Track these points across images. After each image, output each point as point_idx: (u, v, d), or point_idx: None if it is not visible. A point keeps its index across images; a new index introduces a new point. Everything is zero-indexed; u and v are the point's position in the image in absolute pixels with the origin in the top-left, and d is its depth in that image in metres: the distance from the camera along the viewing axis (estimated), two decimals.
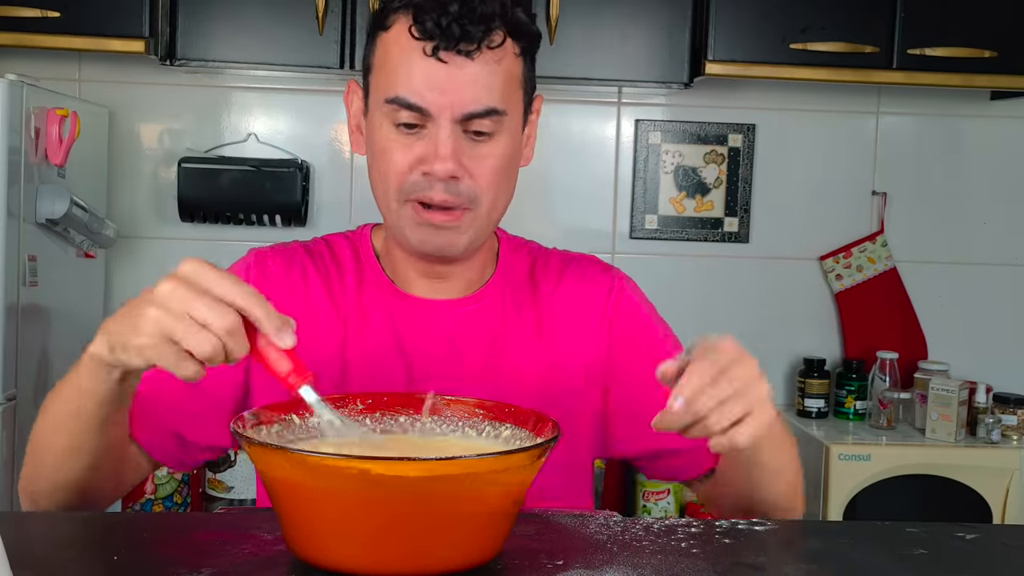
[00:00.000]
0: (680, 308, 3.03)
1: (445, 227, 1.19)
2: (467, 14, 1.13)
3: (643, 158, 2.95)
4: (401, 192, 1.18)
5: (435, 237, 1.19)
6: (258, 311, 0.91)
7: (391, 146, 1.18)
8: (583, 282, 1.32)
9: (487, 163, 1.18)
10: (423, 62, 1.15)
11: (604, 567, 0.90)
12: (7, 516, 1.38)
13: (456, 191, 1.17)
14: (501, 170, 1.20)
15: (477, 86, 1.15)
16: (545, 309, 1.29)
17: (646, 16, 2.60)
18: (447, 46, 1.14)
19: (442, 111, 1.15)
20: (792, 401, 2.98)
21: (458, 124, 1.16)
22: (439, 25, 1.13)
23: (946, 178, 3.02)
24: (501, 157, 1.19)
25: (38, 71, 2.52)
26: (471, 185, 1.18)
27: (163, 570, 0.87)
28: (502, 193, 1.23)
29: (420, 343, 1.25)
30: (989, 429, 2.69)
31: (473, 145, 1.17)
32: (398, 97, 1.16)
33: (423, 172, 1.17)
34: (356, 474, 0.81)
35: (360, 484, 0.81)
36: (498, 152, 1.19)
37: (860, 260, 2.97)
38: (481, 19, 1.14)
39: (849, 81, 2.63)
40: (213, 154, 2.81)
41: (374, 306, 1.26)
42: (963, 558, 0.98)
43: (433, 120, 1.16)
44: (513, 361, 1.26)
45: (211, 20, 2.53)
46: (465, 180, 1.17)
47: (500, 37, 1.16)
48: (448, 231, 1.19)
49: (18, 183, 2.17)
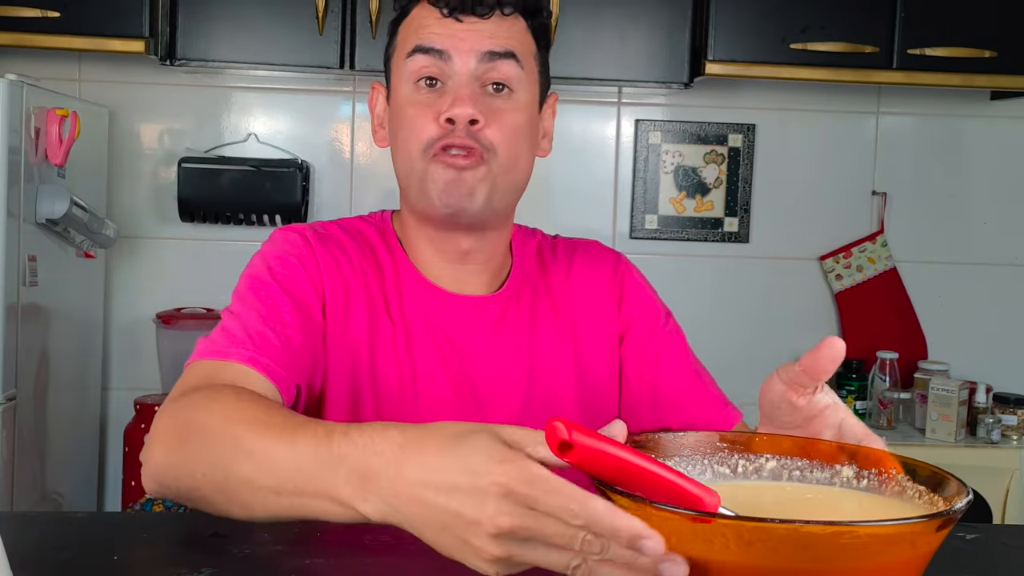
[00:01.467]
0: (680, 308, 3.02)
1: (465, 173, 1.18)
2: None
3: (643, 158, 2.95)
4: (426, 148, 1.19)
5: (455, 186, 1.18)
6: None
7: (414, 109, 1.20)
8: (592, 267, 1.34)
9: (505, 116, 1.20)
10: (441, 21, 1.20)
11: None
12: (7, 516, 1.38)
13: (476, 137, 1.18)
14: (519, 129, 1.22)
15: (496, 34, 1.20)
16: (560, 297, 1.31)
17: (646, 16, 2.60)
18: (463, 9, 1.19)
19: (461, 51, 1.19)
20: None
21: (476, 75, 1.19)
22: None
23: (946, 178, 3.02)
24: (518, 114, 1.22)
25: (38, 71, 2.52)
26: (489, 135, 1.19)
27: (163, 570, 0.87)
28: (520, 155, 1.23)
29: (467, 343, 1.24)
30: (989, 429, 2.70)
31: (491, 98, 1.20)
32: (419, 45, 1.20)
33: (445, 119, 1.17)
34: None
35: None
36: (515, 107, 1.21)
37: (860, 260, 2.97)
38: None
39: (849, 81, 2.63)
40: (213, 154, 2.81)
41: (415, 302, 1.24)
42: (963, 558, 0.98)
43: (452, 66, 1.19)
44: (547, 353, 1.26)
45: (211, 20, 2.53)
46: (485, 129, 1.18)
47: (510, 9, 1.21)
48: (467, 178, 1.18)
49: (18, 183, 2.17)
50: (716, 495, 0.69)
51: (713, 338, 2.99)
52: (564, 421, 0.67)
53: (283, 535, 0.95)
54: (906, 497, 0.79)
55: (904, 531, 0.67)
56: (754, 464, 0.86)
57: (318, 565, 0.89)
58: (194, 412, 0.96)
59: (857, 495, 0.82)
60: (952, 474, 0.76)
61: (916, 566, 0.69)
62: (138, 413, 2.65)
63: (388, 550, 0.94)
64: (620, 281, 1.34)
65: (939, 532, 0.68)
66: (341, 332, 1.20)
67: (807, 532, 0.64)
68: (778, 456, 0.86)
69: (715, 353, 2.97)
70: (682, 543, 0.67)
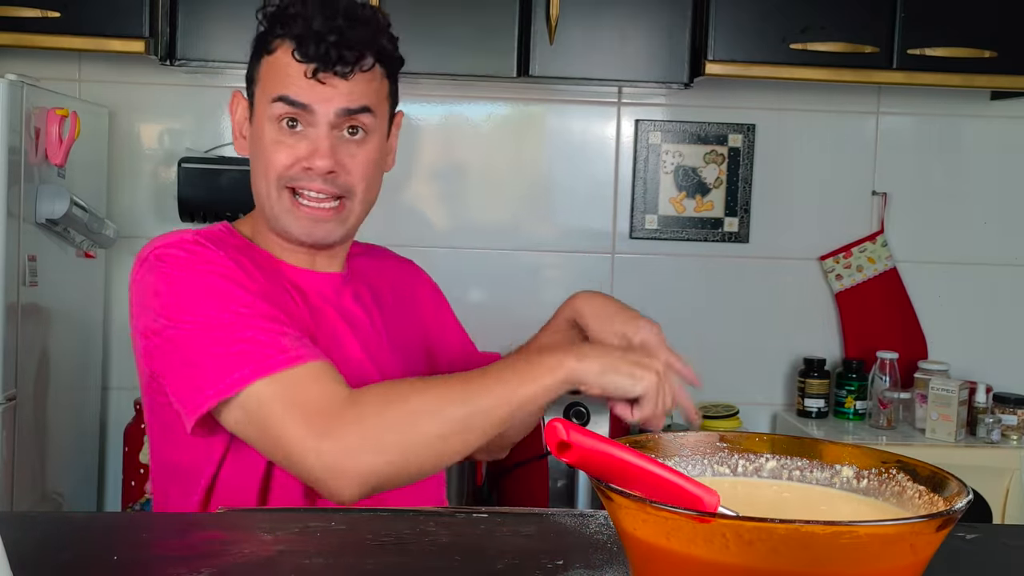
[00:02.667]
0: (680, 308, 3.04)
1: (325, 221, 1.36)
2: (343, 43, 1.32)
3: (643, 158, 2.95)
4: (280, 181, 1.35)
5: (316, 228, 1.36)
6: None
7: (274, 146, 1.35)
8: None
9: (360, 159, 1.36)
10: (305, 78, 1.33)
11: (604, 567, 0.90)
12: (7, 516, 1.38)
13: (333, 184, 1.35)
14: (372, 166, 1.38)
15: (353, 93, 1.34)
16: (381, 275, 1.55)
17: (646, 16, 2.60)
18: (325, 68, 1.32)
19: (322, 107, 1.33)
20: (792, 401, 2.98)
21: (335, 125, 1.34)
22: (319, 51, 1.31)
23: (946, 178, 3.02)
24: (372, 154, 1.38)
25: (38, 71, 2.52)
26: (346, 179, 1.36)
27: (163, 570, 0.87)
28: (372, 188, 1.40)
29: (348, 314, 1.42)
30: (989, 429, 2.70)
31: (348, 145, 1.36)
32: (284, 96, 1.33)
33: (304, 167, 1.34)
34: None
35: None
36: (370, 149, 1.37)
37: (860, 260, 2.97)
38: (354, 46, 1.33)
39: (849, 81, 2.63)
40: (213, 154, 2.81)
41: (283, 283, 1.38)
42: (963, 558, 0.98)
43: (314, 118, 1.33)
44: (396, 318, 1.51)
45: (211, 20, 2.52)
46: (341, 175, 1.35)
47: (370, 62, 1.35)
48: (328, 223, 1.37)
49: (18, 183, 2.17)
50: (716, 495, 0.70)
51: (713, 338, 2.99)
52: (563, 422, 0.67)
53: (283, 535, 0.95)
54: (906, 497, 0.79)
55: (904, 531, 0.66)
56: (754, 464, 0.86)
57: (318, 565, 0.89)
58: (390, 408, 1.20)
59: (857, 495, 0.82)
60: (952, 474, 0.76)
61: (916, 566, 0.70)
62: (138, 413, 2.65)
63: (388, 550, 0.94)
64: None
65: (939, 532, 0.68)
66: None
67: (807, 532, 0.64)
68: (778, 456, 0.86)
69: (715, 353, 2.99)
70: (682, 543, 0.67)
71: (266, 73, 1.37)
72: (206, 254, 1.30)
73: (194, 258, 1.29)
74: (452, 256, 2.89)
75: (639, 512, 0.67)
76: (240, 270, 1.31)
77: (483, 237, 2.91)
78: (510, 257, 2.95)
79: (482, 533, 0.99)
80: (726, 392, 2.98)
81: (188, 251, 1.31)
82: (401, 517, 1.04)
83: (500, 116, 2.94)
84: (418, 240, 2.78)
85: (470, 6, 2.54)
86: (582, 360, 1.23)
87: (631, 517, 0.69)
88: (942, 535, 0.68)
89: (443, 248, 2.88)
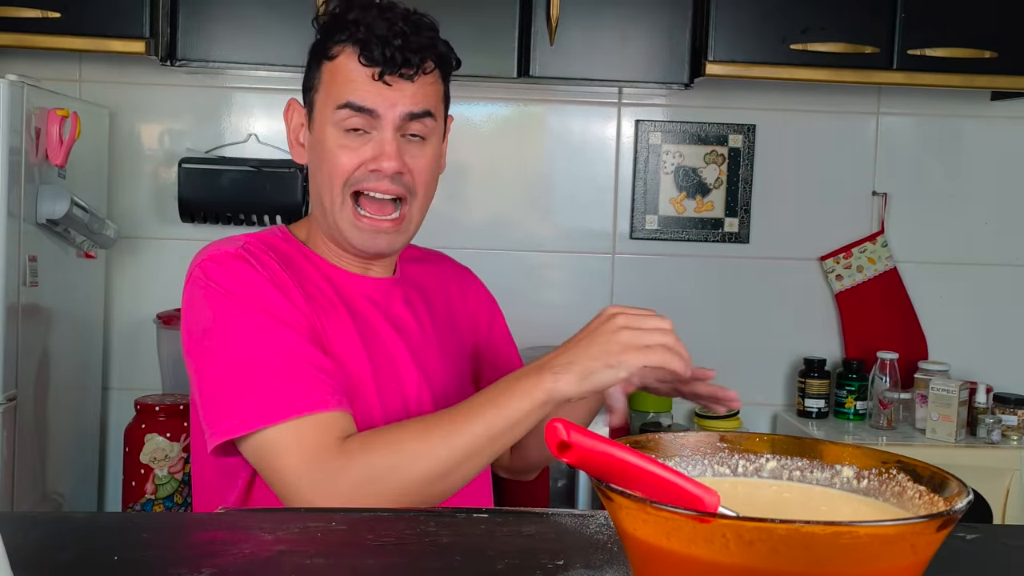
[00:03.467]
0: (680, 308, 3.04)
1: (386, 232, 1.40)
2: (407, 47, 1.35)
3: (643, 158, 2.95)
4: (347, 186, 1.37)
5: (378, 239, 1.40)
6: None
7: (340, 151, 1.37)
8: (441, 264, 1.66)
9: (422, 162, 1.40)
10: (371, 81, 1.36)
11: (604, 567, 0.90)
12: (7, 516, 1.38)
13: (400, 183, 1.38)
14: (432, 169, 1.43)
15: (416, 96, 1.38)
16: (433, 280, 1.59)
17: (646, 17, 2.60)
18: (391, 71, 1.36)
19: (387, 111, 1.36)
20: (792, 401, 2.98)
21: (398, 128, 1.37)
22: (384, 55, 1.35)
23: (946, 178, 3.02)
24: (432, 158, 1.42)
25: (38, 71, 2.52)
26: (411, 180, 1.39)
27: (163, 570, 0.87)
28: (430, 191, 1.44)
29: (396, 319, 1.45)
30: (989, 429, 2.70)
31: (410, 146, 1.39)
32: (350, 102, 1.36)
33: (371, 169, 1.37)
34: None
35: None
36: (430, 153, 1.41)
37: (860, 260, 2.97)
38: (418, 50, 1.36)
39: (849, 81, 2.63)
40: (213, 154, 2.81)
41: (329, 292, 1.41)
42: (963, 558, 0.98)
43: (379, 122, 1.36)
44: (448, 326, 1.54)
45: (211, 20, 2.53)
46: (407, 176, 1.39)
47: (431, 65, 1.39)
48: (389, 234, 1.40)
49: (18, 183, 2.17)
50: (716, 495, 0.70)
51: (713, 338, 2.99)
52: (563, 422, 0.68)
53: (283, 535, 0.95)
54: (906, 497, 0.79)
55: (904, 531, 0.66)
56: (754, 464, 0.86)
57: (318, 565, 0.89)
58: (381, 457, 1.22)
59: (857, 495, 0.82)
60: (952, 474, 0.76)
61: (916, 566, 0.70)
62: (138, 413, 2.65)
63: (388, 550, 0.94)
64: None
65: (939, 532, 0.68)
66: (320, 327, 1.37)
67: (807, 532, 0.64)
68: (778, 456, 0.86)
69: (715, 353, 2.98)
70: (682, 543, 0.67)
71: (328, 79, 1.39)
72: (249, 277, 1.32)
73: (236, 282, 1.32)
74: (452, 256, 2.89)
75: (639, 512, 0.67)
76: (281, 293, 1.32)
77: (483, 237, 2.91)
78: (510, 257, 2.95)
79: (482, 533, 0.99)
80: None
81: (233, 273, 1.33)
82: (401, 517, 1.04)
83: (500, 116, 2.95)
84: (418, 240, 2.77)
85: (470, 6, 2.54)
86: (557, 378, 1.22)
87: (631, 517, 0.69)
88: (942, 535, 0.68)
89: (443, 248, 2.88)
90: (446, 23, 1.47)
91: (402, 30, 1.35)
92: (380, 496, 1.20)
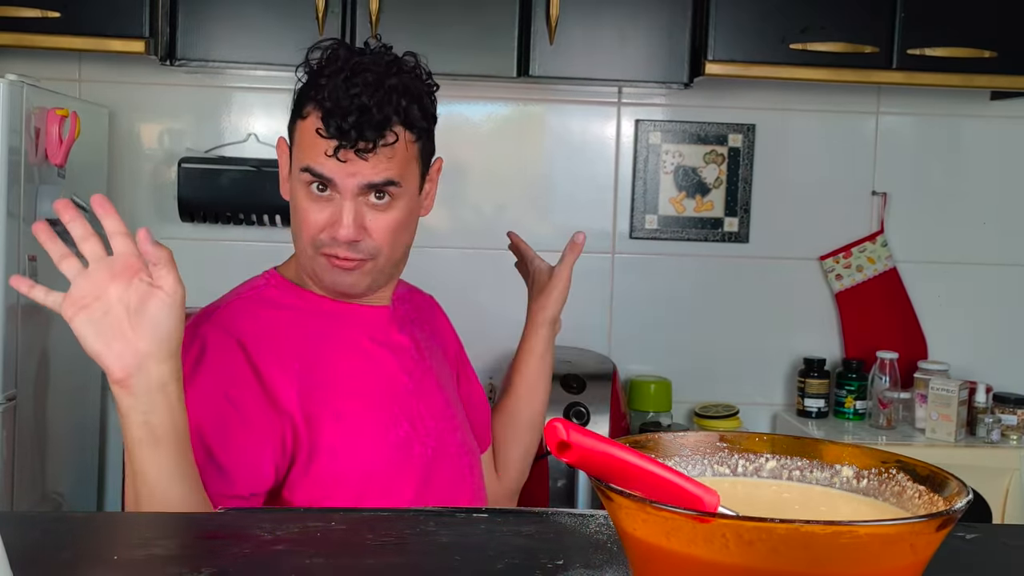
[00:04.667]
0: (680, 308, 3.04)
1: (350, 272, 1.41)
2: (365, 122, 1.34)
3: (643, 158, 2.95)
4: (314, 245, 1.40)
5: (343, 278, 1.41)
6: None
7: (306, 206, 1.40)
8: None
9: (384, 223, 1.40)
10: (327, 154, 1.36)
11: (604, 567, 0.90)
12: (7, 516, 1.38)
13: (357, 249, 1.39)
14: (398, 229, 1.42)
15: (377, 167, 1.36)
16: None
17: (646, 16, 2.60)
18: (347, 146, 1.34)
19: (344, 181, 1.36)
20: (792, 401, 2.98)
21: (359, 194, 1.37)
22: (340, 129, 1.34)
23: (946, 178, 3.02)
24: (398, 219, 1.41)
25: (38, 71, 2.52)
26: (370, 244, 1.40)
27: (163, 570, 0.87)
28: (399, 245, 1.44)
29: (396, 346, 1.49)
30: (989, 429, 2.70)
31: (373, 210, 1.39)
32: (309, 167, 1.37)
33: (331, 236, 1.38)
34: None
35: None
36: (395, 215, 1.40)
37: (860, 260, 2.97)
38: (377, 126, 1.34)
39: (849, 81, 2.63)
40: (213, 154, 2.81)
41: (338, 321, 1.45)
42: (963, 558, 0.98)
43: (338, 189, 1.37)
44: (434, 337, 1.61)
45: (211, 20, 2.53)
46: (365, 240, 1.39)
47: (394, 136, 1.36)
48: (353, 273, 1.41)
49: (18, 183, 2.17)
50: (716, 495, 0.70)
51: (713, 338, 3.00)
52: (563, 422, 0.68)
53: (283, 535, 0.95)
54: (906, 497, 0.79)
55: (904, 531, 0.66)
56: (754, 464, 0.86)
57: (318, 565, 0.89)
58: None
59: (857, 495, 0.82)
60: (952, 474, 0.76)
61: (916, 566, 0.70)
62: None
63: (388, 550, 0.94)
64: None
65: (939, 532, 0.68)
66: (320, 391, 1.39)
67: (807, 532, 0.64)
68: (778, 456, 0.86)
69: (715, 353, 2.99)
70: (682, 543, 0.67)
71: (298, 138, 1.41)
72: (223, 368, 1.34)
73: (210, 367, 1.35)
74: (452, 256, 2.89)
75: (639, 512, 0.67)
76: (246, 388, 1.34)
77: (483, 237, 2.91)
78: (510, 257, 2.94)
79: (482, 533, 0.99)
80: (726, 392, 2.99)
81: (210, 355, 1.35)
82: (401, 517, 1.04)
83: (500, 116, 2.94)
84: (418, 240, 2.77)
85: (470, 6, 2.54)
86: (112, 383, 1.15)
87: (631, 517, 0.69)
88: (942, 535, 0.68)
89: (443, 248, 2.88)
90: (446, 23, 1.46)
91: (362, 105, 1.33)
92: None
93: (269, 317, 1.42)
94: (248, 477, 1.31)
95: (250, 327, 1.39)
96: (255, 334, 1.38)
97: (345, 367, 1.43)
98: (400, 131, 1.37)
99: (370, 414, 1.41)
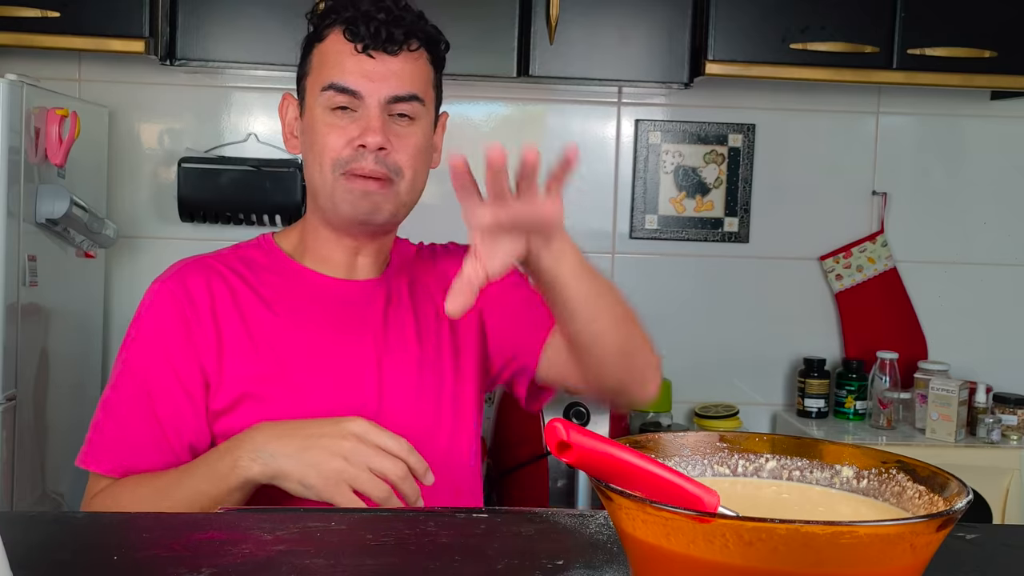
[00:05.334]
0: (680, 308, 3.04)
1: (373, 193, 1.38)
2: (391, 22, 1.37)
3: (643, 158, 2.95)
4: (336, 166, 1.38)
5: (364, 201, 1.38)
6: (413, 459, 1.22)
7: (327, 129, 1.38)
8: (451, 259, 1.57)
9: (409, 141, 1.39)
10: (355, 57, 1.37)
11: (604, 567, 0.90)
12: (7, 516, 1.38)
13: (384, 163, 1.37)
14: (419, 151, 1.41)
15: (401, 75, 1.38)
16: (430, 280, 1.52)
17: (646, 16, 2.60)
18: (375, 46, 1.37)
19: (372, 93, 1.37)
20: (792, 401, 2.98)
21: (384, 107, 1.37)
22: (368, 29, 1.36)
23: (946, 178, 3.02)
24: (420, 139, 1.41)
25: (38, 71, 2.52)
26: (396, 159, 1.38)
27: (163, 570, 0.87)
28: (419, 174, 1.42)
29: (359, 321, 1.43)
30: (989, 429, 2.70)
31: (397, 126, 1.39)
32: (334, 83, 1.37)
33: (357, 145, 1.37)
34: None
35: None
36: (418, 134, 1.40)
37: (860, 260, 2.97)
38: (402, 26, 1.38)
39: (849, 81, 2.63)
40: (213, 154, 2.81)
41: (309, 295, 1.43)
42: (963, 558, 0.98)
43: (364, 102, 1.37)
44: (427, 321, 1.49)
45: (211, 20, 2.53)
46: (392, 154, 1.38)
47: (416, 44, 1.40)
48: (376, 196, 1.38)
49: (18, 183, 2.17)
50: (716, 495, 0.70)
51: (713, 338, 3.00)
52: (563, 422, 0.68)
53: (283, 535, 0.95)
54: (906, 497, 0.79)
55: (904, 531, 0.66)
56: (754, 464, 0.86)
57: (318, 565, 0.89)
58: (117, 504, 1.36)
59: (857, 495, 0.82)
60: (952, 474, 0.76)
61: (916, 566, 0.70)
62: None
63: (388, 550, 0.94)
64: None
65: (939, 532, 0.68)
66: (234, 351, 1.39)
67: (807, 532, 0.64)
68: (778, 456, 0.86)
69: (715, 353, 2.99)
70: (682, 543, 0.66)
71: (318, 62, 1.41)
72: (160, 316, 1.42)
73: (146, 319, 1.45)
74: None
75: (639, 512, 0.67)
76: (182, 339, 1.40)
77: None
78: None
79: (482, 533, 0.99)
80: (726, 392, 2.98)
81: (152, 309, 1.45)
82: (401, 517, 1.04)
83: (500, 116, 2.94)
84: (418, 240, 2.78)
85: (470, 6, 2.54)
86: (251, 466, 1.25)
87: (631, 517, 0.69)
88: (942, 535, 0.68)
89: None
90: (446, 23, 1.47)
91: (387, 7, 1.38)
92: None
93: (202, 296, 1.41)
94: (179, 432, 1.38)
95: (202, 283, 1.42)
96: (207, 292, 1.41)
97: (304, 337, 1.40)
98: (422, 50, 1.40)
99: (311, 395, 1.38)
